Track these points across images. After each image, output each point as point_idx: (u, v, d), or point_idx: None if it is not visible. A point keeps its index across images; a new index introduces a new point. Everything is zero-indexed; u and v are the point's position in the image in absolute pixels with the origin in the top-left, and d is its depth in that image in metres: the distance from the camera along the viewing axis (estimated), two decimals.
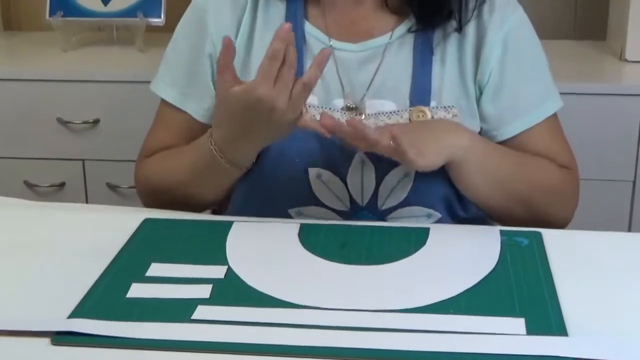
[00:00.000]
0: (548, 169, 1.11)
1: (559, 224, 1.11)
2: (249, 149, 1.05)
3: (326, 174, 1.08)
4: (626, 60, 2.01)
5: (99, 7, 2.17)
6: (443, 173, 1.08)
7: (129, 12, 2.15)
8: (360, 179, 1.08)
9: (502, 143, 1.12)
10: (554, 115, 1.14)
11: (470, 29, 1.11)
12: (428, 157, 1.00)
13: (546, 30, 1.16)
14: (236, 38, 1.12)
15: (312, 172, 1.08)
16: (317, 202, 1.09)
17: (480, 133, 1.12)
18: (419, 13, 1.10)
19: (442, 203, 1.10)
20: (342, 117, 1.08)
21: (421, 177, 1.07)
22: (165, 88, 1.17)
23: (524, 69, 1.12)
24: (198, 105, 1.15)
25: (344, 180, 1.09)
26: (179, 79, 1.16)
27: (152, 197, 1.15)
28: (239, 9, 1.13)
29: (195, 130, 1.14)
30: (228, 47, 0.96)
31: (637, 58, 2.00)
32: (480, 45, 1.10)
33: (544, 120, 1.12)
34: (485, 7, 1.11)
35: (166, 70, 1.17)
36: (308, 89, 0.95)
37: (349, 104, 1.10)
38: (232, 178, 1.09)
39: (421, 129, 1.05)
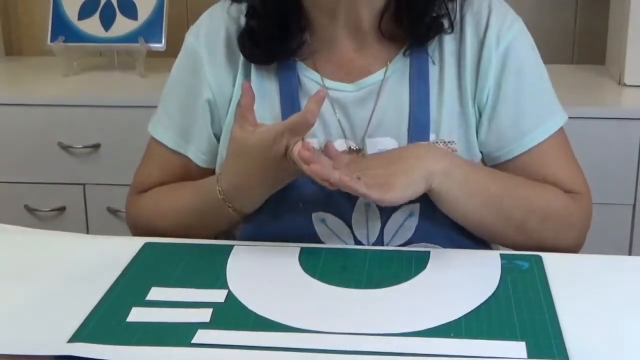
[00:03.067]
0: (548, 192, 1.08)
1: (563, 250, 1.08)
2: (258, 196, 1.05)
3: (330, 218, 1.07)
4: (625, 85, 2.01)
5: (100, 32, 2.19)
6: None
7: (130, 38, 2.17)
8: (365, 221, 1.07)
9: (504, 165, 1.10)
10: (560, 133, 1.11)
11: (468, 50, 1.09)
12: (396, 192, 0.97)
13: (545, 54, 1.16)
14: (234, 85, 1.12)
15: (316, 217, 1.07)
16: None
17: (481, 161, 1.11)
18: (410, 30, 1.09)
19: (448, 239, 1.08)
20: (345, 158, 1.07)
21: (427, 215, 1.06)
22: (163, 131, 1.16)
23: (523, 86, 1.09)
24: (197, 148, 1.15)
25: (348, 224, 1.07)
26: (177, 122, 1.15)
27: (145, 233, 1.14)
28: (234, 57, 1.13)
29: (193, 172, 1.15)
30: (247, 91, 0.97)
31: (636, 82, 2.00)
32: (478, 65, 1.09)
33: (548, 139, 1.10)
34: (482, 25, 1.09)
35: (164, 113, 1.17)
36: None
37: (351, 146, 1.09)
38: (234, 222, 1.09)
39: (391, 162, 1.01)
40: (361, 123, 1.10)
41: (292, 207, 1.07)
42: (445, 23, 1.09)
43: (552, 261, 0.99)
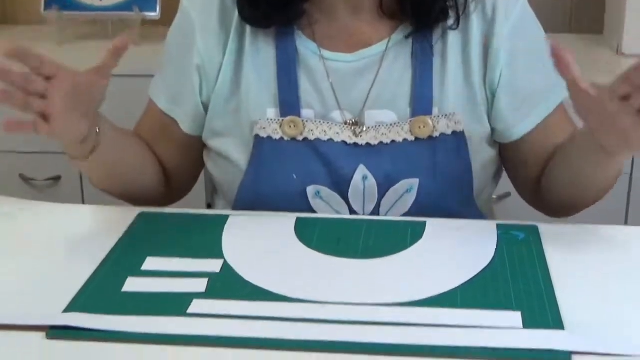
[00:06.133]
0: None
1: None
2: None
3: (325, 191, 1.06)
4: (623, 54, 2.00)
5: (94, 1, 2.17)
6: (447, 185, 1.07)
7: (125, 6, 2.14)
8: (362, 194, 1.06)
9: (522, 140, 1.10)
10: (562, 103, 1.12)
11: (475, 28, 1.08)
12: None
13: (542, 24, 1.15)
14: (224, 54, 1.10)
15: (311, 189, 1.07)
16: None
17: (493, 135, 1.10)
18: (414, 14, 1.07)
19: (444, 214, 1.07)
20: (342, 131, 1.07)
21: (425, 190, 1.06)
22: (158, 94, 1.15)
23: (534, 59, 1.09)
24: (185, 113, 1.13)
25: (344, 196, 1.07)
26: (170, 84, 1.14)
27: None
28: (226, 23, 1.10)
29: (179, 136, 1.14)
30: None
31: (634, 52, 1.99)
32: (488, 44, 1.07)
33: (558, 107, 1.10)
34: (488, 4, 1.08)
35: (159, 76, 1.16)
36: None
37: (347, 120, 1.08)
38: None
39: None
40: (360, 95, 1.08)
41: (286, 180, 1.06)
42: (452, 18, 1.07)
43: (548, 231, 0.98)
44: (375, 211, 1.07)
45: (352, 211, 1.07)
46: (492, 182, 1.16)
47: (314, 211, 1.07)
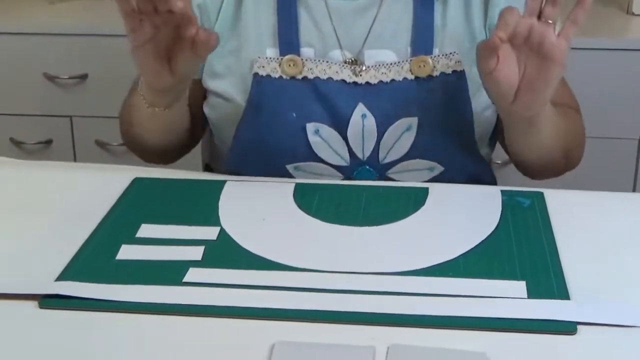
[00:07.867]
0: (574, 117, 1.13)
1: (575, 165, 1.15)
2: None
3: (325, 129, 1.06)
4: (633, 14, 1.98)
5: None
6: (446, 125, 1.06)
7: None
8: (361, 133, 1.06)
9: None
10: None
11: None
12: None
13: None
14: None
15: (310, 127, 1.06)
16: (316, 158, 1.08)
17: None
18: None
19: (444, 156, 1.08)
20: (342, 70, 1.06)
21: (424, 129, 1.06)
22: None
23: None
24: None
25: (343, 135, 1.07)
26: None
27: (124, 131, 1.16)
28: None
29: None
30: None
31: None
32: None
33: None
34: None
35: None
36: None
37: (347, 59, 1.07)
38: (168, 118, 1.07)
39: None
40: (360, 34, 1.08)
41: (285, 118, 1.06)
42: None
43: (553, 198, 0.97)
44: (375, 152, 1.07)
45: (351, 151, 1.07)
46: (492, 135, 1.16)
47: (312, 150, 1.06)
